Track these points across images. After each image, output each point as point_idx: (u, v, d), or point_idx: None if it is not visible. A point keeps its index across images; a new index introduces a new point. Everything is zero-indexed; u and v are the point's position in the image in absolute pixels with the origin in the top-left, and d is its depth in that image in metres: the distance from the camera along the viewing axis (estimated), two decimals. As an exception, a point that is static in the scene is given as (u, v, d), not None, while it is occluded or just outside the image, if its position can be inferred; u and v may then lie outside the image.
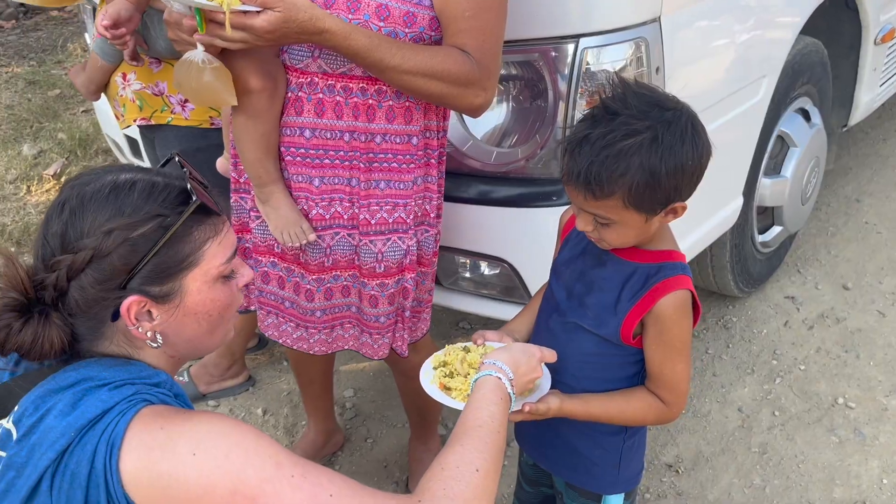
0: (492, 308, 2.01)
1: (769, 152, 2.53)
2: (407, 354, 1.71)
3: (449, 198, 1.82)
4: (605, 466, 1.36)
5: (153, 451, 0.89)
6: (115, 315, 0.97)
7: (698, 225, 2.15)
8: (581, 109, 1.67)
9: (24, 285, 0.95)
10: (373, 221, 1.54)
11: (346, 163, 1.51)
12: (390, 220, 1.55)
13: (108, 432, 0.89)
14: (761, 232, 2.75)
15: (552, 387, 1.26)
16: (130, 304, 0.96)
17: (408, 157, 1.52)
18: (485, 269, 1.97)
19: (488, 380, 1.13)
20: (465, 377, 1.21)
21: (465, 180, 1.84)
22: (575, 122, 1.41)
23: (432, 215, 1.62)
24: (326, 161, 1.51)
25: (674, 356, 1.23)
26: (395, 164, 1.52)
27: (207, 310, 1.03)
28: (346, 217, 1.56)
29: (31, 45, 6.18)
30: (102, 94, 2.03)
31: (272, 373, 2.56)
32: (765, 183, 2.57)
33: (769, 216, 2.75)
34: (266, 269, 1.67)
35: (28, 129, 4.55)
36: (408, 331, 1.70)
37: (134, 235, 0.95)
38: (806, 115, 2.72)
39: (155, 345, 1.01)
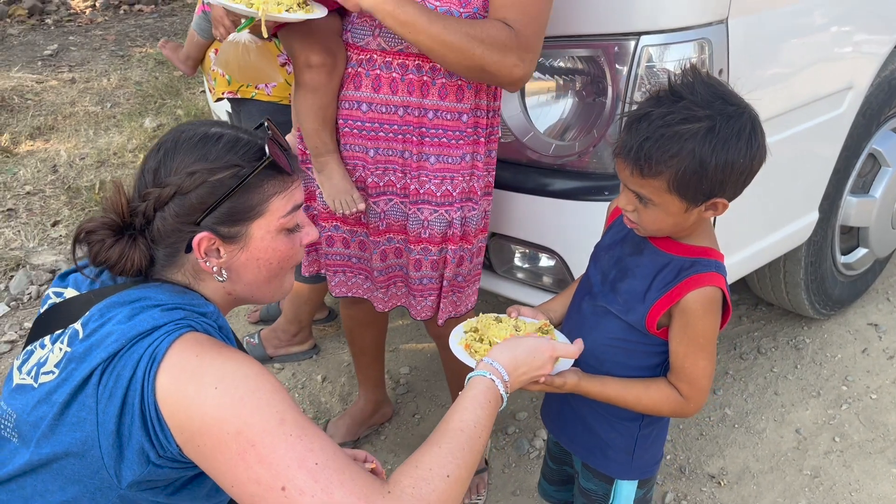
0: (543, 299, 2.04)
1: (857, 170, 2.43)
2: (442, 323, 1.78)
3: (505, 186, 1.88)
4: (618, 451, 1.38)
5: (185, 372, 0.99)
6: (189, 248, 1.10)
7: (766, 234, 2.11)
8: (640, 107, 1.69)
9: (122, 210, 1.11)
10: (421, 191, 1.63)
11: (400, 136, 1.60)
12: (438, 193, 1.63)
13: (153, 347, 1.01)
14: (845, 253, 2.64)
15: (575, 365, 1.30)
16: (201, 239, 1.09)
17: (457, 133, 1.60)
18: (540, 259, 2.01)
19: (482, 381, 1.14)
20: (490, 344, 1.26)
21: (522, 170, 1.88)
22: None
23: (479, 193, 1.68)
24: (381, 134, 1.61)
25: (696, 351, 1.24)
26: (444, 140, 1.60)
27: (268, 257, 1.15)
28: (398, 186, 1.66)
29: (165, 29, 6.67)
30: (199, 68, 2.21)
31: (336, 344, 2.69)
32: (850, 201, 2.47)
33: (854, 237, 2.63)
34: (330, 232, 1.79)
35: (152, 105, 4.93)
36: (451, 303, 1.77)
37: (212, 179, 1.08)
38: (906, 134, 2.60)
39: (221, 279, 1.14)
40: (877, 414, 2.34)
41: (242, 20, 1.44)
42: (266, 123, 1.20)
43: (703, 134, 1.10)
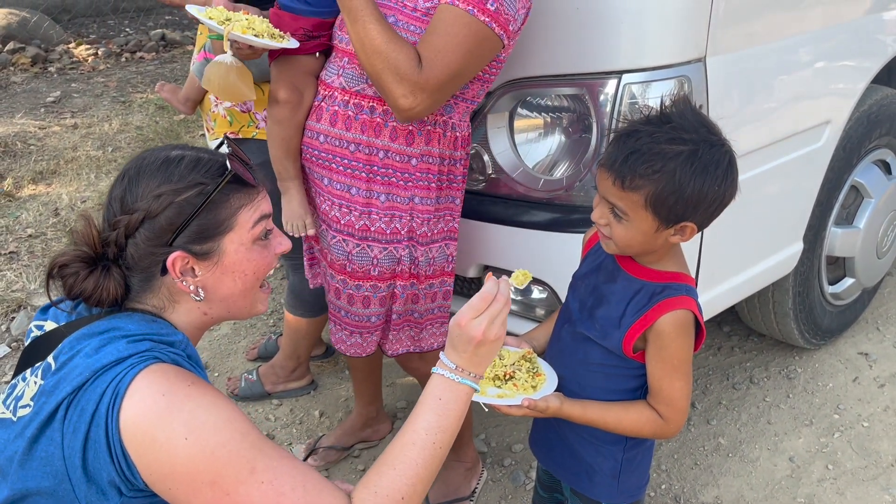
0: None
1: (841, 201, 2.49)
2: (393, 354, 1.87)
3: (496, 220, 1.94)
4: (604, 475, 1.41)
5: (152, 413, 1.00)
6: (164, 269, 1.12)
7: (751, 265, 2.16)
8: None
9: (94, 242, 1.13)
10: (372, 229, 1.71)
11: (349, 171, 1.69)
12: (388, 231, 1.71)
13: (116, 381, 1.01)
14: (833, 283, 2.69)
15: (557, 390, 1.34)
16: (175, 258, 1.11)
17: (406, 175, 1.68)
18: (532, 291, 2.06)
19: (431, 378, 1.15)
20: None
21: (513, 205, 1.94)
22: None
23: (423, 234, 1.73)
24: (333, 165, 1.71)
25: (672, 373, 1.28)
26: (393, 180, 1.68)
27: (243, 269, 1.17)
28: (342, 222, 1.73)
29: (166, 75, 6.80)
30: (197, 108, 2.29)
31: (334, 380, 2.72)
32: (835, 232, 2.53)
33: (841, 267, 2.69)
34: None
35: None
36: (408, 337, 1.83)
37: (178, 199, 1.10)
38: (887, 167, 2.67)
39: (198, 298, 1.15)
40: (869, 441, 2.36)
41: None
42: (225, 140, 1.23)
43: (686, 156, 1.16)
